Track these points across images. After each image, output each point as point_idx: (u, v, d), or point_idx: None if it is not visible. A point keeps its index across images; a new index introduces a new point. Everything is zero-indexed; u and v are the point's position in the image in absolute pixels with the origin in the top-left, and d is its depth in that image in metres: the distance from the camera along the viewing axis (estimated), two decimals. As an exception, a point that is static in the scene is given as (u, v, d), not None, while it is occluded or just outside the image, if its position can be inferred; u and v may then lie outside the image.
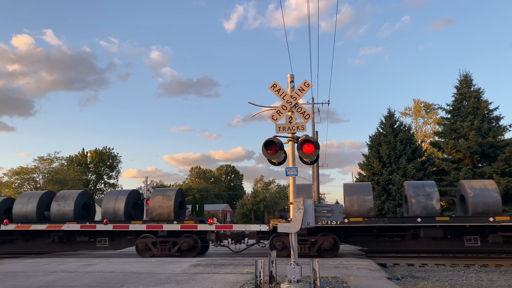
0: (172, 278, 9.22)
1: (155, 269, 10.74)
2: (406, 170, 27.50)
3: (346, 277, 9.15)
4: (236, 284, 8.33)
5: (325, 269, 10.30)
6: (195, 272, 10.15)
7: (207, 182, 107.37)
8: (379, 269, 10.72)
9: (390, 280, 9.14)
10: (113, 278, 9.44)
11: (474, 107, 28.32)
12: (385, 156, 28.95)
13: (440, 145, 29.48)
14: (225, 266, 11.25)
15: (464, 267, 12.62)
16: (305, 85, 8.35)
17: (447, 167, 27.76)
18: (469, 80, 29.96)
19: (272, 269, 8.04)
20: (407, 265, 13.11)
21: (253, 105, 9.07)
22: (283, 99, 8.34)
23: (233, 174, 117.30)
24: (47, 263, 12.73)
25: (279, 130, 8.24)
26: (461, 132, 27.85)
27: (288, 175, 8.00)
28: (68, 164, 65.90)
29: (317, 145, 7.90)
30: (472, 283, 9.95)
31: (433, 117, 46.57)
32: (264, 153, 8.05)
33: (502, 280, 10.28)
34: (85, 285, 8.63)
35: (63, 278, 9.58)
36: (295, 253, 7.59)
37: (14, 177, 51.63)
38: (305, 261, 9.98)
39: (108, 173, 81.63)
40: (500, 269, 12.32)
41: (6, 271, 10.95)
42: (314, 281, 7.33)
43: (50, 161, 54.07)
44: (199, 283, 8.58)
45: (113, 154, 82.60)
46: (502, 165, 25.54)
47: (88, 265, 11.83)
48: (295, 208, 7.41)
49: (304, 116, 8.22)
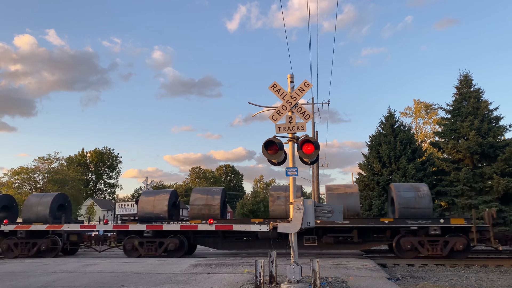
0: (172, 278, 9.21)
1: (155, 269, 10.74)
2: (406, 170, 27.49)
3: (346, 277, 9.14)
4: (236, 284, 8.33)
5: (325, 269, 10.30)
6: (195, 272, 10.15)
7: (207, 182, 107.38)
8: (379, 269, 10.73)
9: (390, 280, 9.14)
10: (113, 278, 9.44)
11: (474, 107, 28.29)
12: (385, 156, 28.94)
13: (440, 145, 29.46)
14: (225, 266, 11.25)
15: (464, 267, 12.62)
16: (305, 85, 8.35)
17: (447, 167, 27.74)
18: (469, 80, 29.92)
19: (272, 269, 8.04)
20: (407, 265, 13.11)
21: (253, 105, 9.08)
22: (283, 99, 8.34)
23: (233, 174, 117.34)
24: (47, 263, 12.73)
25: (279, 130, 8.24)
26: (461, 132, 27.83)
27: (288, 175, 8.00)
28: (68, 164, 65.86)
29: (317, 145, 7.90)
30: (472, 283, 9.94)
31: (433, 117, 46.54)
32: (264, 153, 8.05)
33: (502, 280, 10.28)
34: (85, 285, 8.63)
35: (63, 278, 9.58)
36: (295, 253, 7.59)
37: (14, 177, 51.63)
38: (305, 261, 9.98)
39: (108, 173, 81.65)
40: (500, 269, 12.32)
41: (6, 271, 10.95)
42: (314, 281, 7.33)
43: (50, 161, 54.07)
44: (199, 283, 8.58)
45: (113, 155, 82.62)
46: (502, 165, 25.52)
47: (88, 265, 11.83)
48: (295, 208, 7.41)
49: (304, 116, 8.21)
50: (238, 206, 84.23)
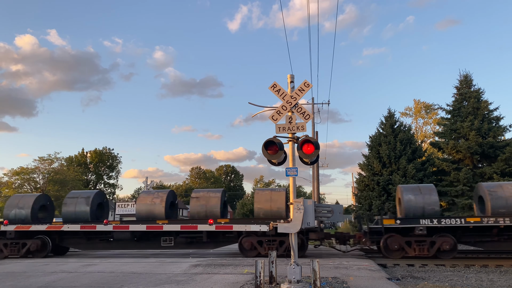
0: (172, 279, 9.21)
1: (155, 269, 10.74)
2: (406, 170, 27.48)
3: (346, 278, 9.14)
4: (236, 285, 8.33)
5: (325, 269, 10.30)
6: (195, 272, 10.15)
7: (207, 182, 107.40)
8: (379, 270, 10.72)
9: (390, 281, 9.13)
10: (113, 278, 9.44)
11: (474, 108, 28.29)
12: (385, 156, 28.94)
13: (440, 146, 29.46)
14: (225, 266, 11.25)
15: (464, 268, 12.62)
16: (305, 85, 8.35)
17: (447, 167, 27.74)
18: (469, 80, 29.93)
19: (272, 269, 8.04)
20: (407, 266, 13.11)
21: (253, 105, 9.08)
22: (283, 99, 8.35)
23: (233, 174, 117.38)
24: (47, 263, 12.73)
25: (279, 130, 8.24)
26: (461, 133, 27.83)
27: (288, 175, 8.00)
28: (68, 164, 65.82)
29: (317, 145, 7.90)
30: (472, 283, 9.94)
31: (433, 117, 46.53)
32: (264, 153, 8.05)
33: (502, 281, 10.28)
34: (85, 285, 8.63)
35: (63, 278, 9.58)
36: (295, 254, 7.59)
37: (14, 177, 51.60)
38: (305, 261, 9.98)
39: (108, 173, 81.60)
40: (500, 269, 12.32)
41: (6, 271, 10.95)
42: (314, 282, 7.33)
43: (50, 161, 54.05)
44: (199, 283, 8.58)
45: (113, 155, 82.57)
46: (502, 165, 25.51)
47: (88, 265, 11.83)
48: (295, 208, 7.42)
49: (304, 116, 8.21)
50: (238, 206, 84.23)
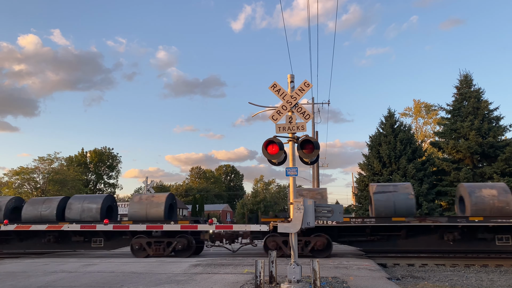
0: (172, 278, 9.22)
1: (155, 269, 10.74)
2: (406, 170, 27.49)
3: (346, 277, 9.14)
4: (236, 284, 8.33)
5: (325, 269, 10.30)
6: (195, 272, 10.15)
7: (207, 182, 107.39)
8: (379, 269, 10.72)
9: (390, 280, 9.13)
10: (113, 278, 9.44)
11: (474, 107, 28.32)
12: (385, 156, 28.95)
13: (440, 145, 29.49)
14: (225, 266, 11.25)
15: (464, 267, 12.62)
16: (305, 85, 8.35)
17: (447, 167, 27.76)
18: (469, 80, 29.95)
19: (272, 269, 8.04)
20: (407, 265, 13.11)
21: (254, 105, 9.08)
22: (283, 99, 8.34)
23: (233, 174, 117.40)
24: (47, 263, 12.73)
25: (279, 130, 8.24)
26: (461, 132, 27.85)
27: (288, 175, 8.00)
28: (68, 164, 65.82)
29: (317, 145, 7.90)
30: (472, 283, 9.94)
31: (433, 117, 46.55)
32: (264, 153, 8.05)
33: (502, 280, 10.28)
34: (85, 285, 8.63)
35: (63, 278, 9.58)
36: (295, 253, 7.59)
37: (14, 177, 51.63)
38: (305, 261, 9.98)
39: (108, 173, 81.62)
40: (500, 269, 12.32)
41: (6, 271, 10.95)
42: (314, 281, 7.33)
43: (50, 161, 54.06)
44: (199, 283, 8.58)
45: (113, 154, 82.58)
46: (502, 165, 25.53)
47: (88, 265, 11.83)
48: (295, 208, 7.41)
49: (304, 116, 8.21)
50: (238, 206, 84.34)
